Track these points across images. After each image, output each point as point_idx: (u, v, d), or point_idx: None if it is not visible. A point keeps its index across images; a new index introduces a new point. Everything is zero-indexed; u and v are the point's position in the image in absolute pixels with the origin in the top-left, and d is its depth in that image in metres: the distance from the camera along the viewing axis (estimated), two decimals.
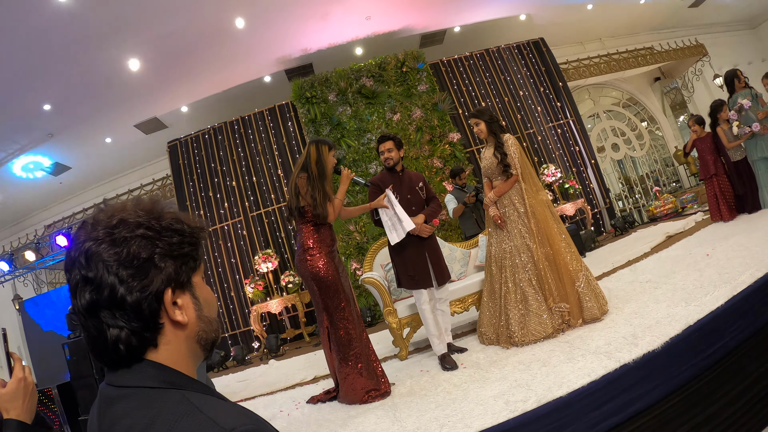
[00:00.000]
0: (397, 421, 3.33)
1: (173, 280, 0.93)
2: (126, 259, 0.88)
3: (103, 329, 0.88)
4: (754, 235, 5.32)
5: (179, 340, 0.95)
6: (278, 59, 10.92)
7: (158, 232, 0.93)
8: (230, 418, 0.82)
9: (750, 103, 6.78)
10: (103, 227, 0.90)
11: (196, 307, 0.98)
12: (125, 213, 0.93)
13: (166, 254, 0.93)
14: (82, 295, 0.88)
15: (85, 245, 0.89)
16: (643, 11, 14.16)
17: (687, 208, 10.36)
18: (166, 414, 0.82)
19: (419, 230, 4.53)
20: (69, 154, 11.36)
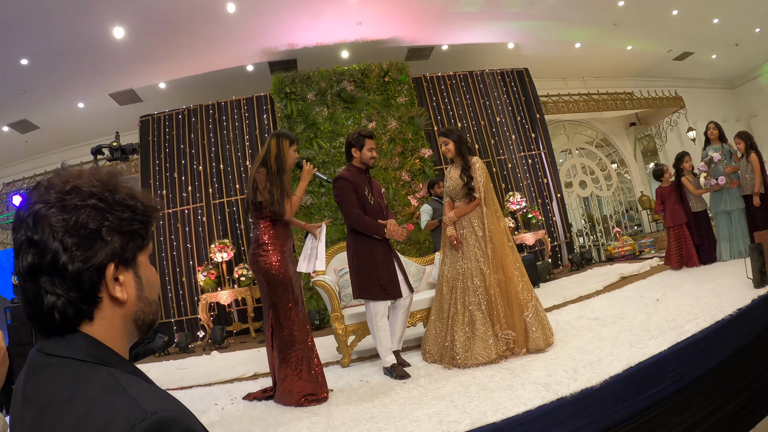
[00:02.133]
0: (330, 428, 3.28)
1: (117, 256, 0.91)
2: (73, 227, 0.86)
3: (41, 294, 0.86)
4: (705, 286, 5.40)
5: (116, 316, 0.93)
6: (263, 50, 10.84)
7: (110, 205, 0.91)
8: (153, 401, 0.81)
9: (720, 157, 6.95)
10: (56, 191, 0.88)
11: (137, 285, 0.96)
12: (80, 180, 0.90)
13: (115, 229, 0.91)
14: (24, 257, 0.86)
15: (35, 207, 0.87)
16: (628, 57, 14.44)
17: (644, 252, 10.52)
18: (91, 389, 0.80)
19: (394, 233, 4.40)
20: (39, 113, 11.08)
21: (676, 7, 11.95)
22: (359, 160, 4.63)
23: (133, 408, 0.77)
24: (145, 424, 0.75)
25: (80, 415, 0.77)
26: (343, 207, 4.52)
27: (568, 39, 12.89)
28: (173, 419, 0.79)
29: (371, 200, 4.54)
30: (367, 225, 4.43)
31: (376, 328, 4.49)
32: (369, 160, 4.61)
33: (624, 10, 11.63)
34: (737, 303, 4.20)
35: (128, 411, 0.77)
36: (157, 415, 0.77)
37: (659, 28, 12.88)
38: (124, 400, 0.79)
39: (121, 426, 0.74)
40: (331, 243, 8.35)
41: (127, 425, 0.74)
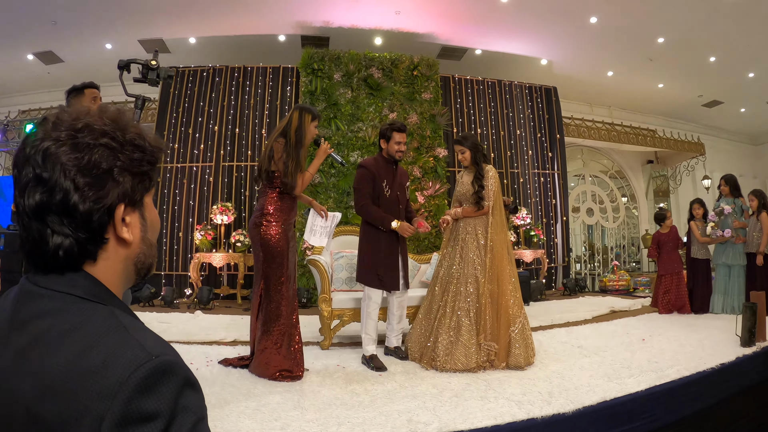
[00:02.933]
0: (299, 407, 3.29)
1: (128, 197, 0.90)
2: (86, 166, 0.84)
3: (46, 234, 0.84)
4: (693, 336, 5.40)
5: (119, 258, 0.92)
6: (298, 22, 10.79)
7: (122, 145, 0.89)
8: (156, 344, 0.80)
9: (731, 210, 6.94)
10: (66, 128, 0.85)
11: (142, 227, 0.95)
12: (91, 118, 0.88)
13: (126, 169, 0.89)
14: (31, 195, 0.83)
15: (44, 144, 0.84)
16: (658, 94, 14.36)
17: (639, 290, 10.51)
18: (92, 325, 0.79)
19: (401, 228, 4.47)
20: (66, 47, 11.02)
21: (715, 54, 11.88)
22: (386, 151, 4.66)
23: (137, 349, 0.77)
24: (149, 366, 0.75)
25: (80, 349, 0.76)
26: (354, 194, 4.62)
27: (603, 65, 12.81)
28: (176, 364, 0.79)
29: (387, 192, 4.57)
30: (371, 215, 4.49)
31: (366, 315, 4.58)
32: (395, 153, 4.63)
33: (662, 47, 11.56)
34: (721, 358, 4.22)
35: (132, 351, 0.76)
36: (160, 359, 0.77)
37: (694, 71, 12.81)
38: (127, 339, 0.79)
39: (125, 365, 0.74)
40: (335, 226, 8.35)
41: (131, 365, 0.74)
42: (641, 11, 10.01)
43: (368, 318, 4.55)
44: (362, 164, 4.63)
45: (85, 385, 0.72)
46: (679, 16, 10.14)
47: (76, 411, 0.71)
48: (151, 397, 0.73)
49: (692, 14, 10.08)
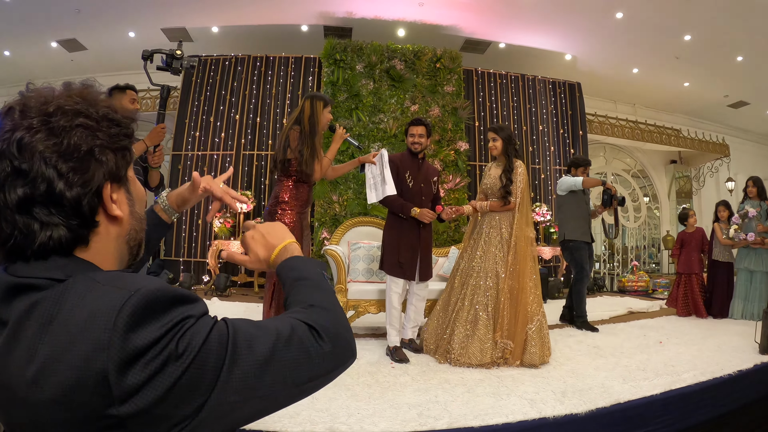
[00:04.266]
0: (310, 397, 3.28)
1: (113, 174, 0.87)
2: (66, 150, 0.80)
3: (33, 226, 0.80)
4: (711, 341, 5.32)
5: (110, 238, 0.89)
6: (321, 13, 10.77)
7: (97, 122, 0.85)
8: (133, 281, 0.77)
9: (755, 213, 6.80)
10: (36, 114, 0.81)
11: (129, 202, 0.93)
12: (61, 99, 0.84)
13: (107, 146, 0.86)
14: (12, 190, 0.79)
15: (16, 134, 0.79)
16: (683, 93, 14.15)
17: (657, 292, 10.39)
18: (71, 298, 0.75)
19: (420, 214, 4.51)
20: (89, 35, 11.12)
21: (742, 54, 11.68)
22: (407, 145, 4.76)
23: (113, 293, 0.74)
24: (131, 302, 0.72)
25: (63, 323, 0.72)
26: None
27: (628, 62, 12.65)
28: (157, 290, 0.75)
29: (410, 184, 4.63)
30: (391, 202, 4.56)
31: (388, 304, 4.61)
32: (411, 145, 4.71)
33: (689, 45, 11.38)
34: (739, 364, 4.15)
35: (109, 297, 0.73)
36: (140, 291, 0.73)
37: (720, 71, 12.61)
38: (103, 291, 0.75)
39: (107, 312, 0.71)
40: (351, 215, 8.35)
41: (113, 309, 0.71)
42: (668, 7, 9.87)
43: (390, 308, 4.58)
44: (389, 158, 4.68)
45: (76, 351, 0.69)
46: (706, 13, 9.98)
47: (76, 379, 0.68)
48: (144, 329, 0.71)
49: (720, 12, 9.92)
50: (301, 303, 0.98)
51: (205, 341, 0.73)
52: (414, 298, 4.77)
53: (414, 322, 4.83)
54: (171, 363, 0.70)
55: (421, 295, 4.80)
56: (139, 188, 0.99)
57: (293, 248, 1.17)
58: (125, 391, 0.68)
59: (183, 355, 0.71)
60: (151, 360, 0.69)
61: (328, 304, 1.00)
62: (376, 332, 5.52)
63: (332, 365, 0.92)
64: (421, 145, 4.67)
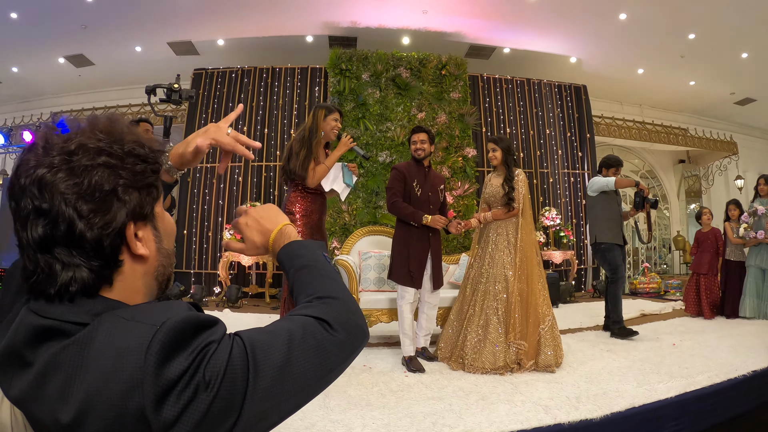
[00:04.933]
0: (325, 407, 3.31)
1: (137, 213, 0.85)
2: (87, 191, 0.79)
3: (55, 267, 0.79)
4: (725, 342, 5.29)
5: (136, 276, 0.87)
6: (326, 23, 10.83)
7: (121, 159, 0.83)
8: (156, 313, 0.77)
9: (764, 210, 6.77)
10: (58, 152, 0.79)
11: (156, 239, 0.91)
12: (83, 136, 0.82)
13: (130, 185, 0.84)
14: (33, 229, 0.78)
15: (38, 172, 0.78)
16: (689, 92, 14.11)
17: (669, 293, 10.35)
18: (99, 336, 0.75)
19: (433, 221, 4.52)
20: (96, 50, 11.22)
21: (747, 51, 11.64)
22: (411, 153, 4.80)
23: (140, 329, 0.74)
24: (159, 338, 0.72)
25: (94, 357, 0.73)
26: (387, 194, 4.74)
27: (633, 63, 12.64)
28: (180, 321, 0.75)
29: (418, 192, 4.65)
30: (402, 211, 4.58)
31: (400, 312, 4.62)
32: (414, 152, 4.75)
33: (693, 44, 11.36)
34: (754, 365, 4.13)
35: (137, 333, 0.73)
36: (166, 325, 0.73)
37: (726, 68, 12.57)
38: (129, 327, 0.75)
39: (136, 350, 0.71)
40: (361, 225, 8.37)
41: (142, 347, 0.71)
42: (671, 7, 9.85)
43: (403, 317, 4.59)
44: (394, 167, 4.78)
45: (112, 390, 0.70)
46: (710, 11, 9.97)
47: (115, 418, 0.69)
48: (173, 361, 0.71)
49: (723, 9, 9.90)
50: (308, 295, 0.99)
51: (228, 363, 0.74)
52: (426, 306, 4.79)
53: (426, 331, 4.85)
54: (201, 392, 0.71)
55: (432, 304, 4.81)
56: (168, 222, 0.98)
57: (289, 231, 1.16)
58: (163, 425, 0.70)
59: (211, 382, 0.72)
60: (183, 390, 0.71)
61: (334, 292, 1.00)
62: (388, 341, 5.54)
63: (349, 351, 0.93)
64: (424, 151, 4.70)
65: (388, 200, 4.68)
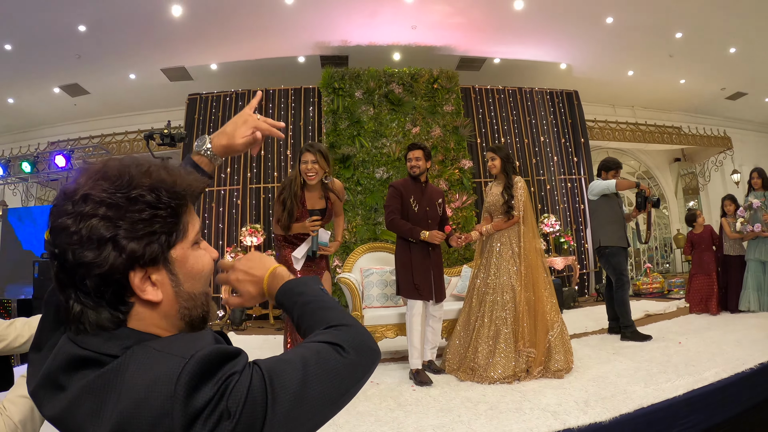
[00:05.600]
0: (335, 424, 3.32)
1: (139, 260, 0.85)
2: (87, 239, 0.82)
3: (70, 304, 0.85)
4: (730, 336, 5.31)
5: (154, 317, 0.89)
6: (317, 43, 10.92)
7: (123, 209, 0.84)
8: (185, 346, 0.81)
9: (759, 204, 6.81)
10: (70, 199, 0.84)
11: (173, 283, 0.91)
12: (89, 186, 0.85)
13: (130, 235, 0.84)
14: (53, 266, 0.85)
15: (58, 220, 0.84)
16: (680, 91, 14.20)
17: (673, 292, 10.35)
18: (132, 366, 0.79)
19: (430, 237, 4.55)
20: (90, 79, 11.33)
21: (735, 46, 11.73)
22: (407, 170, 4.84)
23: (169, 360, 0.78)
24: (188, 369, 0.76)
25: (122, 391, 0.77)
26: (385, 211, 4.80)
27: (622, 66, 12.73)
28: (208, 354, 0.78)
29: (415, 208, 4.69)
30: (400, 228, 4.63)
31: (409, 328, 4.63)
32: (410, 169, 4.79)
33: (681, 42, 11.45)
34: (760, 357, 4.14)
35: (167, 365, 0.77)
36: (194, 357, 0.77)
37: (715, 64, 12.65)
38: (159, 358, 0.79)
39: (166, 381, 0.75)
40: (361, 242, 8.39)
41: (172, 377, 0.75)
42: (657, 7, 9.95)
43: (411, 331, 4.60)
44: (391, 184, 4.83)
45: (143, 417, 0.74)
46: (695, 8, 10.06)
47: None
48: (200, 392, 0.75)
49: (708, 5, 9.99)
50: (318, 326, 1.02)
51: (248, 392, 0.78)
52: (431, 320, 4.80)
53: (432, 344, 4.86)
54: (224, 420, 0.75)
55: (437, 316, 4.83)
56: (195, 264, 0.96)
57: (281, 272, 1.18)
58: None
59: (233, 411, 0.76)
60: (208, 418, 0.75)
61: (344, 320, 1.03)
62: (395, 356, 5.55)
63: (362, 372, 0.96)
64: (419, 168, 4.74)
65: (386, 218, 4.72)
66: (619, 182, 5.89)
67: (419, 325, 4.61)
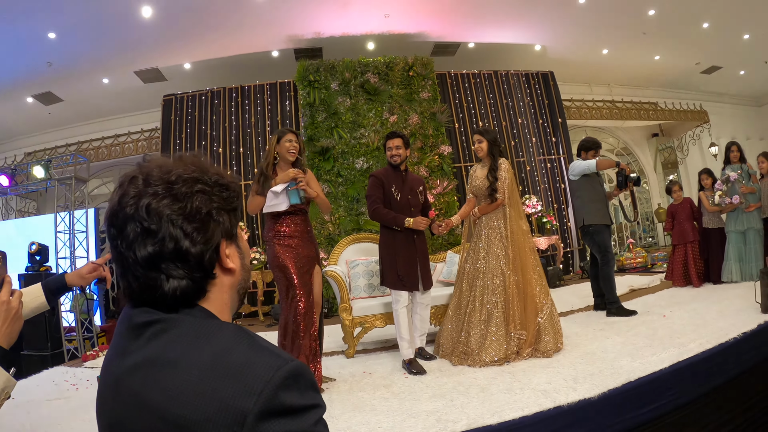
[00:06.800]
0: (331, 416, 3.33)
1: (227, 232, 0.98)
2: (190, 213, 0.91)
3: (160, 279, 0.90)
4: (713, 307, 5.37)
5: (224, 289, 0.99)
6: (290, 37, 10.88)
7: (212, 187, 0.96)
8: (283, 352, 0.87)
9: (736, 176, 6.88)
10: (161, 183, 0.91)
11: (240, 255, 1.03)
12: (180, 169, 0.95)
13: (222, 208, 0.96)
14: (142, 247, 0.89)
15: (143, 200, 0.89)
16: (655, 67, 14.32)
17: (656, 266, 10.47)
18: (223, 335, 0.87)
19: (415, 223, 4.53)
20: (63, 86, 11.23)
21: (707, 20, 11.85)
22: (387, 159, 4.81)
23: (273, 354, 0.84)
24: (287, 368, 0.82)
25: (215, 354, 0.83)
26: (367, 201, 4.75)
27: (596, 44, 12.82)
28: (304, 369, 0.85)
29: (397, 196, 4.66)
30: (384, 217, 4.60)
31: (395, 317, 4.63)
32: (390, 158, 4.76)
33: (654, 20, 11.55)
34: (743, 326, 4.20)
35: (270, 356, 0.84)
36: (294, 363, 0.84)
37: (688, 40, 12.78)
38: (261, 347, 0.86)
39: (267, 367, 0.81)
40: (346, 233, 8.40)
41: (273, 367, 0.81)
42: None
43: (398, 320, 4.59)
44: (372, 174, 4.80)
45: (226, 386, 0.79)
46: None
47: (215, 409, 0.77)
48: (290, 393, 0.81)
49: None
50: None
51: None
52: (418, 307, 4.81)
53: (421, 331, 4.87)
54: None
55: (424, 304, 4.84)
56: (245, 243, 1.10)
57: None
58: None
59: None
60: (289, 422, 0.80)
61: None
62: (385, 345, 5.58)
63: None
64: (400, 156, 4.72)
65: (369, 208, 4.69)
66: (600, 162, 5.93)
67: (405, 316, 4.62)
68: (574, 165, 6.12)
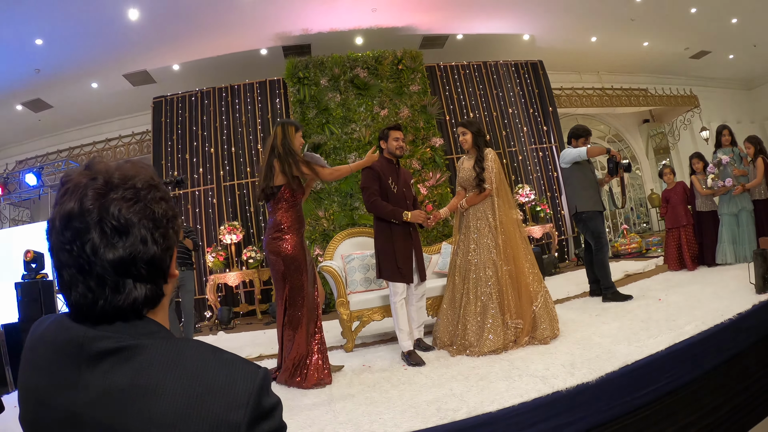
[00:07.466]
0: (331, 411, 3.36)
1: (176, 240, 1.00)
2: (157, 219, 0.92)
3: (126, 285, 0.88)
4: (708, 289, 5.40)
5: (167, 296, 1.00)
6: (277, 34, 10.86)
7: (166, 195, 0.98)
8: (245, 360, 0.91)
9: (728, 159, 6.92)
10: (129, 188, 0.91)
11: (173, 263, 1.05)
12: (141, 175, 0.94)
13: (175, 216, 0.98)
14: (110, 251, 0.86)
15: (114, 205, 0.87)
16: (644, 53, 14.35)
17: (651, 251, 10.51)
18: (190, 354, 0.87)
19: (414, 216, 4.55)
20: (52, 92, 11.18)
21: (695, 5, 11.87)
22: (387, 150, 4.79)
23: (246, 364, 0.89)
24: (261, 374, 0.88)
25: (192, 375, 0.84)
26: (363, 193, 4.69)
27: (585, 32, 12.83)
28: (267, 371, 0.90)
29: (394, 189, 4.67)
30: (383, 209, 4.58)
31: (393, 309, 4.64)
32: (395, 149, 4.75)
33: (642, 6, 11.56)
34: (738, 307, 4.22)
35: (245, 367, 0.88)
36: (261, 370, 0.89)
37: (677, 25, 12.80)
38: (232, 359, 0.90)
39: (247, 378, 0.86)
40: (340, 228, 8.41)
41: (252, 377, 0.87)
42: None
43: (396, 312, 4.60)
44: (367, 166, 4.74)
45: (213, 403, 0.82)
46: None
47: (209, 428, 0.80)
48: (266, 397, 0.87)
49: None
50: None
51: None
52: (414, 299, 4.83)
53: (419, 322, 4.89)
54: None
55: (419, 295, 4.87)
56: None
57: None
58: None
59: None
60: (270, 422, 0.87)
61: None
62: (383, 338, 5.60)
63: None
64: (403, 149, 4.76)
65: (367, 200, 4.64)
66: (590, 149, 5.95)
67: (403, 308, 4.63)
68: (565, 153, 6.15)
